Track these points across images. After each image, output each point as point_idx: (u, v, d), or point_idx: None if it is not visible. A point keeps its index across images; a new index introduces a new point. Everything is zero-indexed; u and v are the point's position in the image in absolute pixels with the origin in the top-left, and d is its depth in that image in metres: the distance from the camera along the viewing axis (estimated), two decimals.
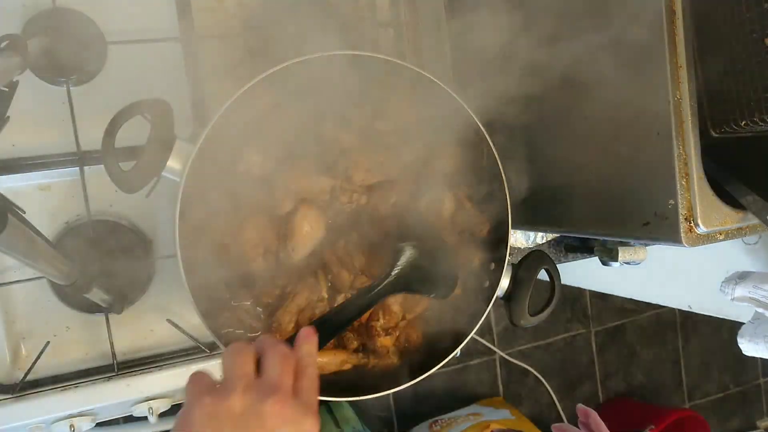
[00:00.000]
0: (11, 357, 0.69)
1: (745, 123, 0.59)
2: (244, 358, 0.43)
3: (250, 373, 0.42)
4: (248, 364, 0.43)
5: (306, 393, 0.43)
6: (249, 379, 0.42)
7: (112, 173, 0.54)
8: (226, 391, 0.41)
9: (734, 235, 0.58)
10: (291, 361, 0.44)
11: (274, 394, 0.41)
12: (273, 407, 0.40)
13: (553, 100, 0.70)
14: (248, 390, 0.41)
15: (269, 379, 0.42)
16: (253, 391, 0.41)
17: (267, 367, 0.42)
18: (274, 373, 0.42)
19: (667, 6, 0.54)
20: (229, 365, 0.42)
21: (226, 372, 0.42)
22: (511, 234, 0.67)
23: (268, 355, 0.43)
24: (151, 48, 0.71)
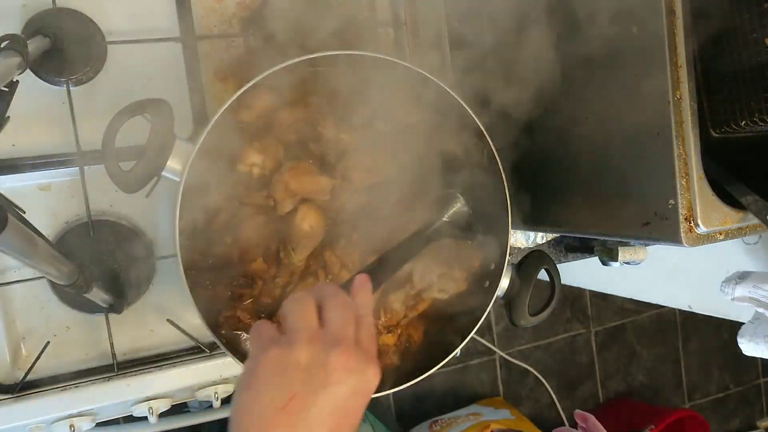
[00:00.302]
0: (11, 357, 0.69)
1: (745, 123, 0.59)
2: (306, 308, 0.43)
3: (313, 324, 0.42)
4: (311, 314, 0.43)
5: (366, 342, 0.43)
6: (313, 330, 0.42)
7: (112, 173, 0.54)
8: (291, 342, 0.41)
9: (734, 235, 0.58)
10: (351, 311, 0.44)
11: (339, 345, 0.41)
12: (338, 358, 0.40)
13: (553, 100, 0.70)
14: (313, 341, 0.41)
15: (333, 330, 0.42)
16: (318, 342, 0.41)
17: (329, 317, 0.42)
18: (337, 324, 0.42)
19: (667, 6, 0.54)
20: (292, 315, 0.42)
21: (289, 322, 0.42)
22: (511, 234, 0.67)
23: (330, 305, 0.43)
24: (151, 48, 0.71)
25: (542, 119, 0.72)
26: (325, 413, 0.40)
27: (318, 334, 0.41)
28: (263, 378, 0.40)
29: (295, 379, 0.40)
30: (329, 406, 0.40)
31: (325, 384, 0.40)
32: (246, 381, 0.41)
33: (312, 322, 0.42)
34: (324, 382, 0.40)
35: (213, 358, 0.72)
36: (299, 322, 0.42)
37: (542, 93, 0.71)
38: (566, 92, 0.68)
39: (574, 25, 0.64)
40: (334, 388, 0.40)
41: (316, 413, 0.39)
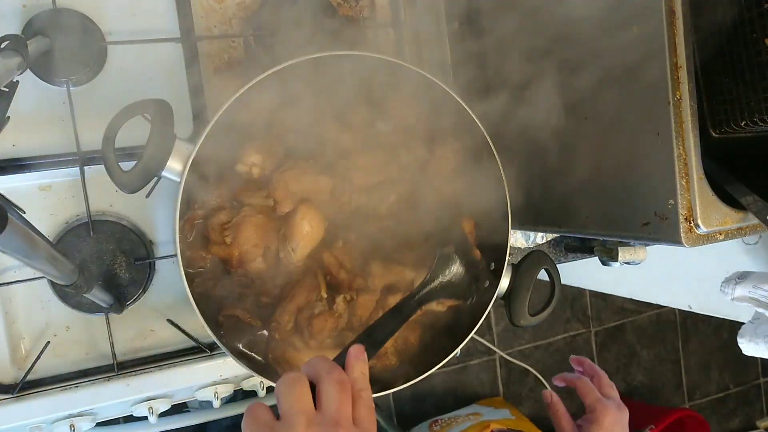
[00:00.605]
0: (11, 357, 0.69)
1: (745, 123, 0.59)
2: (300, 390, 0.42)
3: (309, 408, 0.41)
4: (306, 396, 0.41)
5: (365, 420, 0.42)
6: (309, 415, 0.40)
7: (112, 173, 0.54)
8: (287, 428, 0.40)
9: (734, 235, 0.58)
10: (348, 388, 0.43)
11: (337, 428, 0.40)
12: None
13: (553, 100, 0.70)
14: (310, 426, 0.40)
15: (330, 414, 0.41)
16: (316, 427, 0.40)
17: (325, 399, 0.41)
18: (333, 406, 0.41)
19: (667, 6, 0.54)
20: (287, 399, 0.41)
21: (284, 408, 0.41)
22: (511, 234, 0.67)
23: (325, 385, 0.42)
24: (151, 48, 0.71)
25: (542, 119, 0.72)
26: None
27: (315, 419, 0.40)
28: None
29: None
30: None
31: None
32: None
33: (308, 407, 0.41)
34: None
35: (213, 358, 0.72)
36: (294, 407, 0.41)
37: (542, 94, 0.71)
38: (566, 92, 0.68)
39: (574, 25, 0.64)
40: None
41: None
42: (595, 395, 0.73)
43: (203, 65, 0.72)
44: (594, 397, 0.72)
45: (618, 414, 0.71)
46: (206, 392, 0.73)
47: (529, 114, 0.74)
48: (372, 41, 0.80)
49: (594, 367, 0.78)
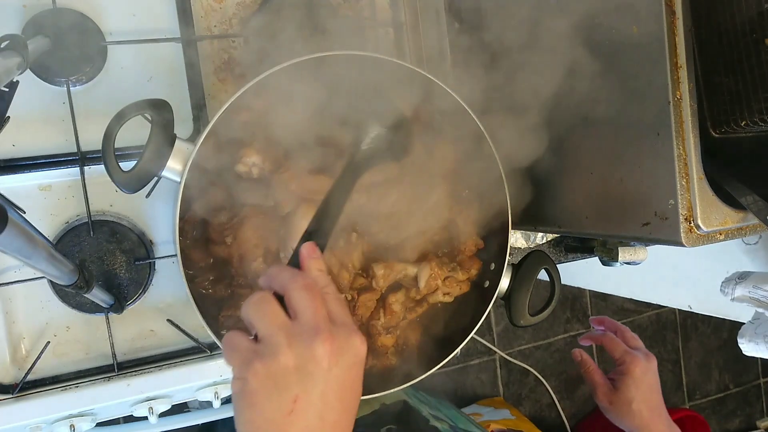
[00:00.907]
0: (11, 357, 0.69)
1: (745, 123, 0.59)
2: (270, 308, 0.41)
3: (285, 322, 0.41)
4: (278, 311, 0.41)
5: (339, 315, 0.43)
6: (288, 328, 0.40)
7: (112, 173, 0.54)
8: (271, 348, 0.40)
9: (734, 235, 0.58)
10: (315, 289, 0.42)
11: (317, 333, 0.40)
12: (323, 347, 0.40)
13: (553, 101, 0.70)
14: (292, 340, 0.40)
15: (307, 321, 0.41)
16: (297, 339, 0.40)
17: (298, 308, 0.41)
18: (308, 313, 0.41)
19: (667, 6, 0.54)
20: (260, 321, 0.41)
21: (261, 329, 0.41)
22: (511, 234, 0.67)
23: (293, 293, 0.42)
24: (151, 48, 0.71)
25: (542, 119, 0.72)
26: (330, 400, 0.40)
27: (294, 331, 0.40)
28: (260, 393, 0.40)
29: (290, 383, 0.40)
30: (332, 392, 0.40)
31: (320, 375, 0.40)
32: (243, 402, 0.40)
33: (283, 321, 0.41)
34: (318, 374, 0.40)
35: (213, 358, 0.72)
36: (270, 325, 0.41)
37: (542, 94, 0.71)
38: (566, 93, 0.68)
39: (573, 25, 0.64)
40: (329, 374, 0.40)
41: (322, 404, 0.40)
42: (623, 348, 0.76)
43: (203, 65, 0.72)
44: (622, 349, 0.75)
45: (647, 363, 0.74)
46: (206, 392, 0.73)
47: (529, 114, 0.74)
48: (372, 41, 0.80)
49: (615, 323, 0.81)
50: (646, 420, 0.72)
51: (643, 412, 0.72)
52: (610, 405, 0.75)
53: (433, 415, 0.97)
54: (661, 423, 0.72)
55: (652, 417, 0.72)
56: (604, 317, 0.83)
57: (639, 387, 0.73)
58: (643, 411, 0.72)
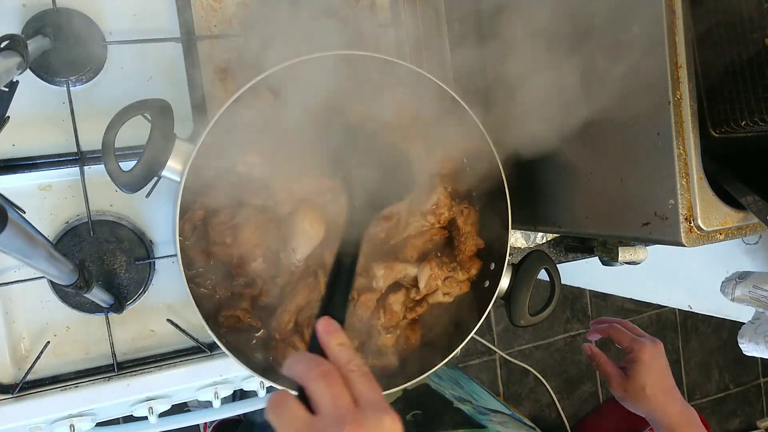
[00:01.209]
0: (11, 357, 0.69)
1: (745, 123, 0.59)
2: (288, 409, 0.40)
3: (305, 420, 0.39)
4: (296, 412, 0.39)
5: (366, 395, 0.40)
6: (310, 427, 0.39)
7: (112, 173, 0.54)
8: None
9: (734, 235, 0.58)
10: (334, 375, 0.41)
11: (342, 425, 0.38)
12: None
13: (554, 101, 0.70)
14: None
15: (328, 413, 0.39)
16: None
17: (318, 401, 0.39)
18: (329, 405, 0.39)
19: (667, 6, 0.54)
20: (282, 425, 0.39)
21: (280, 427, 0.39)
22: (511, 234, 0.67)
23: (311, 386, 0.40)
24: (151, 48, 0.71)
25: (542, 119, 0.72)
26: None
27: (317, 428, 0.39)
28: None
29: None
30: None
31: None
32: None
33: (303, 420, 0.39)
34: None
35: (213, 358, 0.72)
36: (291, 428, 0.39)
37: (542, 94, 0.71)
38: (566, 93, 0.68)
39: (573, 25, 0.64)
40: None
41: None
42: (630, 336, 0.78)
43: (203, 65, 0.72)
44: (629, 338, 0.77)
45: (654, 348, 0.75)
46: (206, 392, 0.73)
47: (529, 114, 0.74)
48: (372, 41, 0.80)
49: (614, 319, 0.83)
50: (661, 403, 0.73)
51: (657, 396, 0.73)
52: (625, 393, 0.76)
53: (456, 396, 0.97)
54: (676, 404, 0.73)
55: (666, 399, 0.73)
56: (603, 318, 0.85)
57: (650, 372, 0.74)
58: (657, 395, 0.73)
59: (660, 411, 0.73)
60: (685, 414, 0.73)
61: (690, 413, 0.73)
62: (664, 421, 0.73)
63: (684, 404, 0.74)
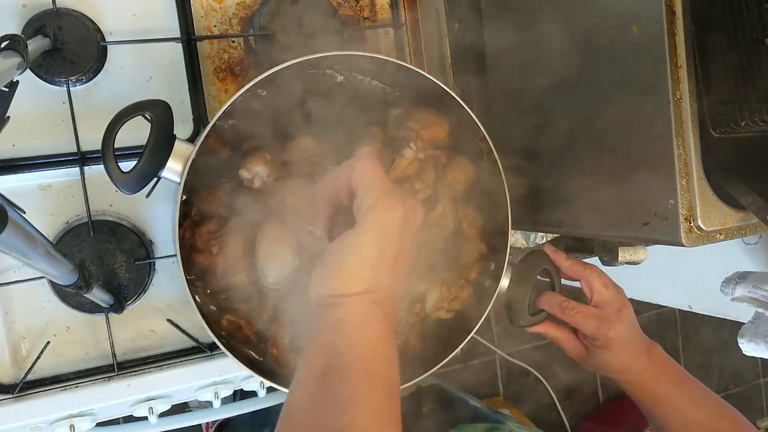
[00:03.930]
0: (11, 357, 0.69)
1: (745, 123, 0.59)
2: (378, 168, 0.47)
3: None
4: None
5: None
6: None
7: (111, 174, 0.54)
8: (402, 192, 0.47)
9: (734, 235, 0.58)
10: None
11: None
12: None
13: (553, 101, 0.70)
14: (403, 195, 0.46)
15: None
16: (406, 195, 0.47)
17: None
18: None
19: (667, 6, 0.54)
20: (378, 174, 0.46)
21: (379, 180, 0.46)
22: (511, 234, 0.67)
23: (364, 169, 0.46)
24: (151, 48, 0.71)
25: (542, 119, 0.72)
26: (410, 253, 0.47)
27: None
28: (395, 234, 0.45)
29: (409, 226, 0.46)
30: (412, 245, 0.48)
31: (413, 238, 0.47)
32: (406, 230, 0.45)
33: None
34: (414, 236, 0.47)
35: (213, 358, 0.72)
36: (380, 180, 0.46)
37: (542, 94, 0.71)
38: (566, 92, 0.68)
39: (573, 26, 0.64)
40: (414, 237, 0.47)
41: (407, 262, 0.47)
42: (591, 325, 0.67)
43: (203, 65, 0.72)
44: (591, 326, 0.66)
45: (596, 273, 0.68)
46: (206, 392, 0.73)
47: (529, 114, 0.74)
48: (372, 41, 0.80)
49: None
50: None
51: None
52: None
53: (469, 396, 0.98)
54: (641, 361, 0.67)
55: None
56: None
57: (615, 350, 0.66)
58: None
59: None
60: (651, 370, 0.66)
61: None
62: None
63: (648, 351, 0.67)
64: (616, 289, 0.68)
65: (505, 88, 0.78)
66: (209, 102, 0.72)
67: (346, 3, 0.79)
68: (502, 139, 0.67)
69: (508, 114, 0.77)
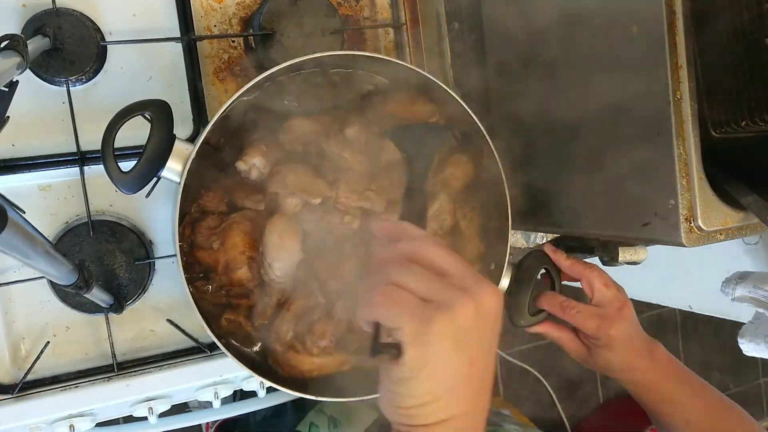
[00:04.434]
0: (11, 357, 0.69)
1: (745, 123, 0.59)
2: (416, 270, 0.37)
3: (418, 302, 0.36)
4: (426, 272, 0.37)
5: (459, 275, 0.37)
6: (422, 309, 0.36)
7: (111, 174, 0.54)
8: (448, 302, 0.35)
9: (734, 235, 0.58)
10: (424, 271, 0.37)
11: (481, 282, 0.36)
12: (493, 297, 0.36)
13: (553, 101, 0.70)
14: (465, 292, 0.36)
15: (461, 273, 0.37)
16: (469, 291, 0.36)
17: (444, 264, 0.37)
18: (457, 265, 0.37)
19: (667, 6, 0.54)
20: (419, 281, 0.36)
21: (421, 289, 0.36)
22: (511, 234, 0.67)
23: (430, 251, 0.37)
24: (151, 48, 0.71)
25: (542, 119, 0.72)
26: (490, 356, 0.38)
27: (459, 283, 0.36)
28: (443, 357, 0.35)
29: (470, 341, 0.36)
30: (492, 348, 0.38)
31: (488, 329, 0.37)
32: (421, 372, 0.35)
33: (439, 277, 0.37)
34: (487, 328, 0.37)
35: (213, 358, 0.72)
36: (432, 281, 0.36)
37: (542, 94, 0.71)
38: (566, 93, 0.68)
39: (574, 25, 0.64)
40: (495, 329, 0.38)
41: (487, 361, 0.38)
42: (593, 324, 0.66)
43: (203, 65, 0.72)
44: (592, 325, 0.66)
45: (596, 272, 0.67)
46: (206, 392, 0.73)
47: (529, 114, 0.74)
48: (372, 41, 0.80)
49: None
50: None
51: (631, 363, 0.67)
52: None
53: None
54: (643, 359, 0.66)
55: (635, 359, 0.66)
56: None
57: (615, 348, 0.66)
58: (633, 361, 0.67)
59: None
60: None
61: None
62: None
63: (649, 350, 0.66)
64: (617, 288, 0.68)
65: (505, 88, 0.78)
66: (209, 102, 0.72)
67: (346, 3, 0.79)
68: (502, 138, 0.67)
69: (508, 113, 0.77)
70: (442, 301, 0.36)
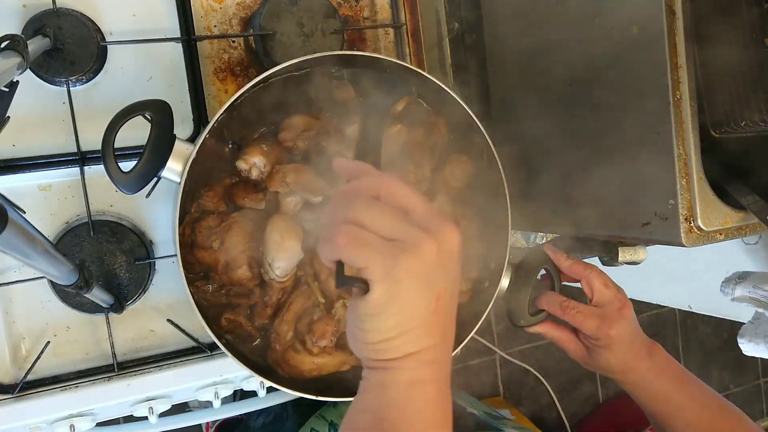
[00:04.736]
0: (11, 357, 0.69)
1: (745, 123, 0.59)
2: (381, 206, 0.37)
3: (405, 215, 0.37)
4: (391, 208, 0.37)
5: (422, 214, 0.38)
6: (416, 220, 0.37)
7: (111, 174, 0.54)
8: (413, 242, 0.36)
9: (734, 235, 0.58)
10: (387, 210, 0.37)
11: (445, 220, 0.38)
12: (455, 234, 0.38)
13: (553, 100, 0.70)
14: (428, 231, 0.37)
15: (424, 211, 0.38)
16: (432, 230, 0.37)
17: (408, 202, 0.38)
18: (420, 203, 0.38)
19: (667, 6, 0.54)
20: (381, 218, 0.37)
21: (384, 227, 0.37)
22: (511, 234, 0.67)
23: (395, 189, 0.38)
24: (151, 48, 0.71)
25: (542, 119, 0.72)
26: (454, 291, 0.40)
27: (423, 221, 0.37)
28: (410, 294, 0.36)
29: (437, 278, 0.37)
30: (456, 283, 0.40)
31: (452, 267, 0.38)
32: (391, 306, 0.36)
33: (403, 215, 0.37)
34: (451, 265, 0.38)
35: (213, 358, 0.72)
36: (397, 219, 0.37)
37: (542, 93, 0.71)
38: (566, 92, 0.68)
39: (573, 26, 0.64)
40: (457, 264, 0.39)
41: (451, 298, 0.39)
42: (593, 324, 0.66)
43: (203, 65, 0.72)
44: (592, 325, 0.66)
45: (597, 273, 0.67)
46: (206, 392, 0.73)
47: (529, 114, 0.74)
48: (372, 41, 0.80)
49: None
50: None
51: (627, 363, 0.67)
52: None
53: (467, 401, 0.96)
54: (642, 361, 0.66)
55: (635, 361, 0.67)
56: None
57: (613, 350, 0.66)
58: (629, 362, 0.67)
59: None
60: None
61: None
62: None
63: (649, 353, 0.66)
64: (617, 288, 0.68)
65: (505, 88, 0.78)
66: (209, 102, 0.72)
67: (346, 3, 0.79)
68: (502, 138, 0.67)
69: (507, 113, 0.77)
70: (407, 241, 0.36)
